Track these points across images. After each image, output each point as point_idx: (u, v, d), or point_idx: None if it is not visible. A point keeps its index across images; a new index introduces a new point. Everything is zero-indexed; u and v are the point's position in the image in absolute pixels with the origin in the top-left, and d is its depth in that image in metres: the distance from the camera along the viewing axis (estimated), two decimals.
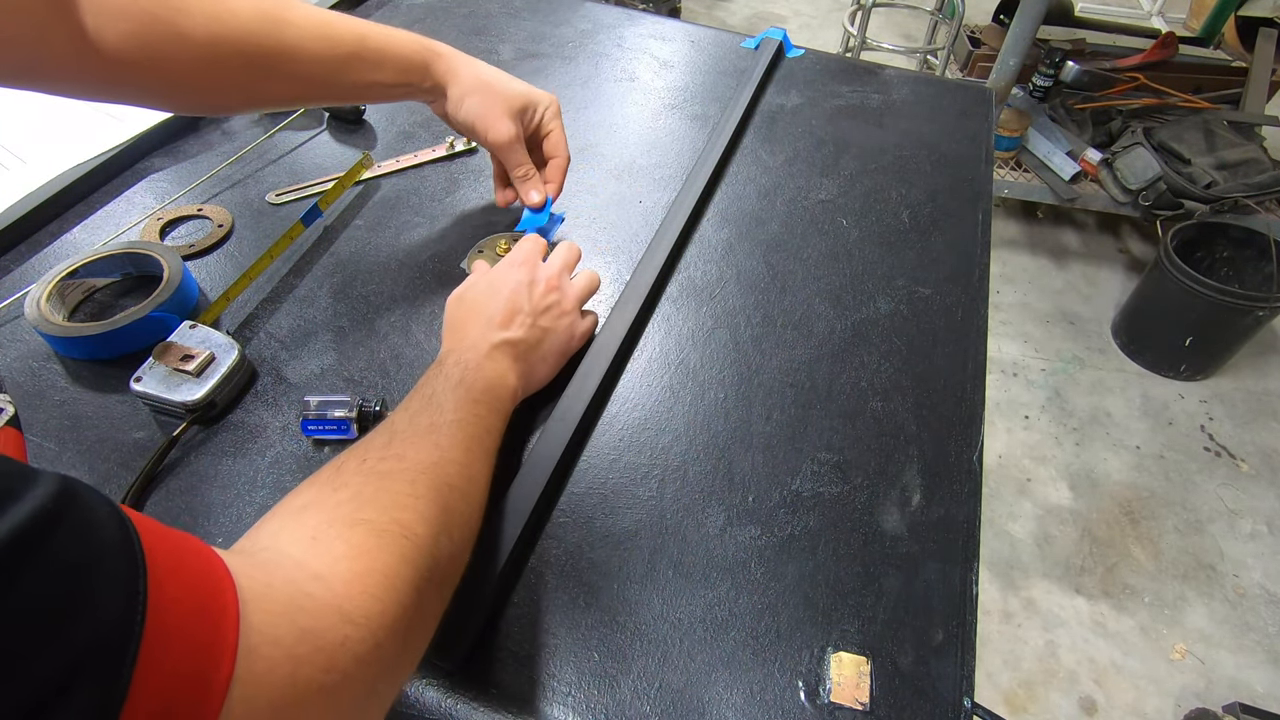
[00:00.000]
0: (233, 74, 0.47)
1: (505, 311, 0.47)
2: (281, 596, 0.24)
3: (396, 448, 0.36)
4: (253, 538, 0.30)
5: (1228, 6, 2.00)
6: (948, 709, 0.38)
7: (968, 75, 2.09)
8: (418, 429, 0.38)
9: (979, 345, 0.57)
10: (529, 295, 0.48)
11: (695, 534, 0.44)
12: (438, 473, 0.35)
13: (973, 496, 0.47)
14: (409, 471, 0.34)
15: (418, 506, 0.33)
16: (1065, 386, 1.73)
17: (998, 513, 1.48)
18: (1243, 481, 1.56)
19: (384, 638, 0.27)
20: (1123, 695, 1.24)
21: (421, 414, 0.39)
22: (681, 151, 0.73)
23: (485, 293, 0.49)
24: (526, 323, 0.47)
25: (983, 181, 0.73)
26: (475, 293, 0.49)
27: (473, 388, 0.41)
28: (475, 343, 0.45)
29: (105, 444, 0.46)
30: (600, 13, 0.94)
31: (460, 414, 0.39)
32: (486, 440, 0.41)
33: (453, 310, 0.50)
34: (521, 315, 0.47)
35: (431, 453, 0.36)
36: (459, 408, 0.40)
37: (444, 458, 0.37)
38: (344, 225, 0.63)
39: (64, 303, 0.53)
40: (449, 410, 0.39)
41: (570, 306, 0.51)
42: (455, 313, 0.49)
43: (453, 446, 0.38)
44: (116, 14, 0.41)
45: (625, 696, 0.38)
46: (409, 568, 0.30)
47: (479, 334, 0.46)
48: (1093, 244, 2.12)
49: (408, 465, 0.35)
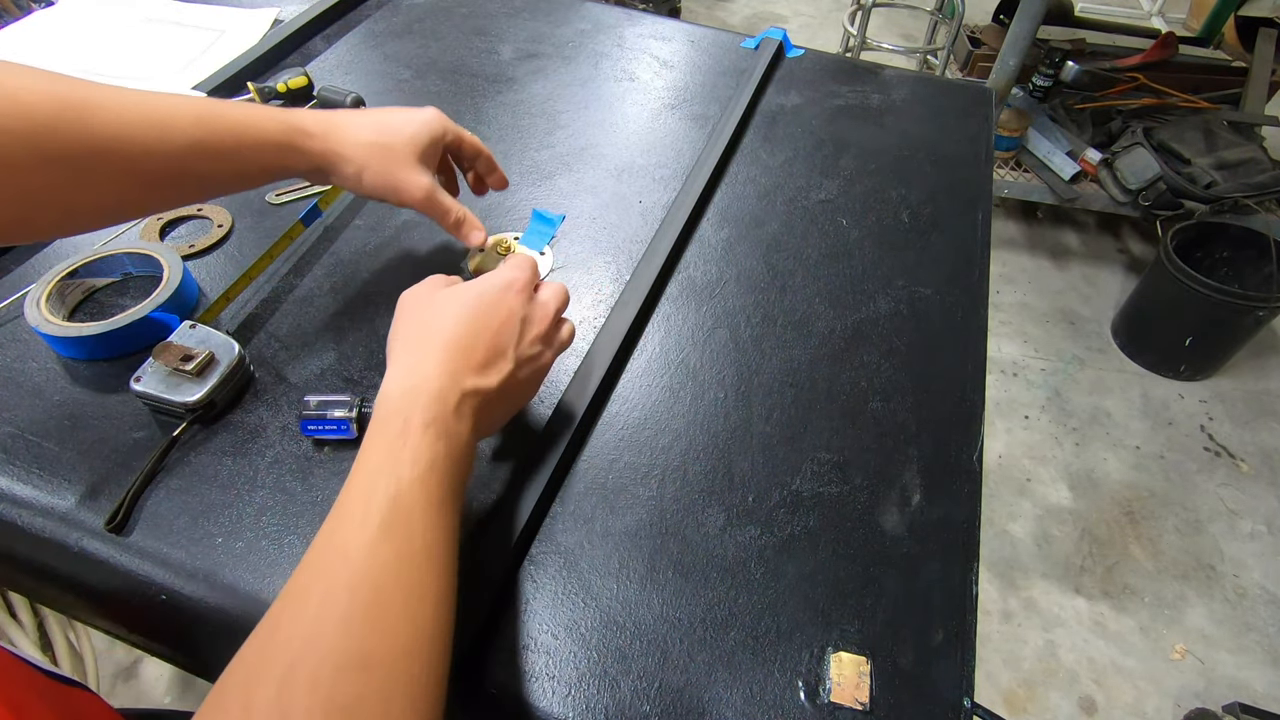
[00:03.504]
0: (30, 182, 0.35)
1: (489, 348, 0.37)
2: None
3: (364, 638, 0.27)
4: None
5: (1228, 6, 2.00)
6: (948, 709, 0.38)
7: (968, 75, 2.09)
8: (389, 580, 0.29)
9: (979, 345, 0.57)
10: (518, 334, 0.39)
11: (695, 534, 0.44)
12: (415, 669, 0.28)
13: (973, 496, 0.47)
14: (382, 689, 0.27)
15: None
16: (1065, 386, 1.73)
17: (998, 513, 1.48)
18: (1243, 481, 1.56)
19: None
20: (1122, 695, 1.24)
21: (386, 542, 0.30)
22: (681, 151, 0.73)
23: (470, 311, 0.38)
24: (505, 370, 0.38)
25: (983, 181, 0.73)
26: (456, 305, 0.38)
27: (445, 477, 0.33)
28: (443, 389, 0.35)
29: (105, 444, 0.46)
30: (600, 13, 0.94)
31: (436, 529, 0.31)
32: (453, 550, 0.32)
33: (417, 313, 0.39)
34: (504, 360, 0.38)
35: (410, 631, 0.28)
36: (437, 514, 0.32)
37: (421, 636, 0.29)
38: (344, 225, 0.63)
39: (64, 303, 0.53)
40: (431, 517, 0.31)
41: (547, 363, 0.42)
42: (419, 319, 0.39)
43: (434, 599, 0.30)
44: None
45: (625, 696, 0.38)
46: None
47: (448, 370, 0.35)
48: (1092, 244, 2.12)
49: (379, 678, 0.27)
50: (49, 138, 0.35)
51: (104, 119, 0.37)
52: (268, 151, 0.45)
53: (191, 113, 0.41)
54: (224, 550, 0.41)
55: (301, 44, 0.84)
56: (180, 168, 0.41)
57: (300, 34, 0.83)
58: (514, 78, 0.81)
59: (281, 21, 0.87)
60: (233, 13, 0.88)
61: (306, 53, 0.83)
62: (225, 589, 0.40)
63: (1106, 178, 1.86)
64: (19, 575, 0.45)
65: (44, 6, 0.91)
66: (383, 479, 0.31)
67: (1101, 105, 1.97)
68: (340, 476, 0.45)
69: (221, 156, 0.43)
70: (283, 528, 0.43)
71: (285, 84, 0.72)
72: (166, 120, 0.40)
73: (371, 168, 0.49)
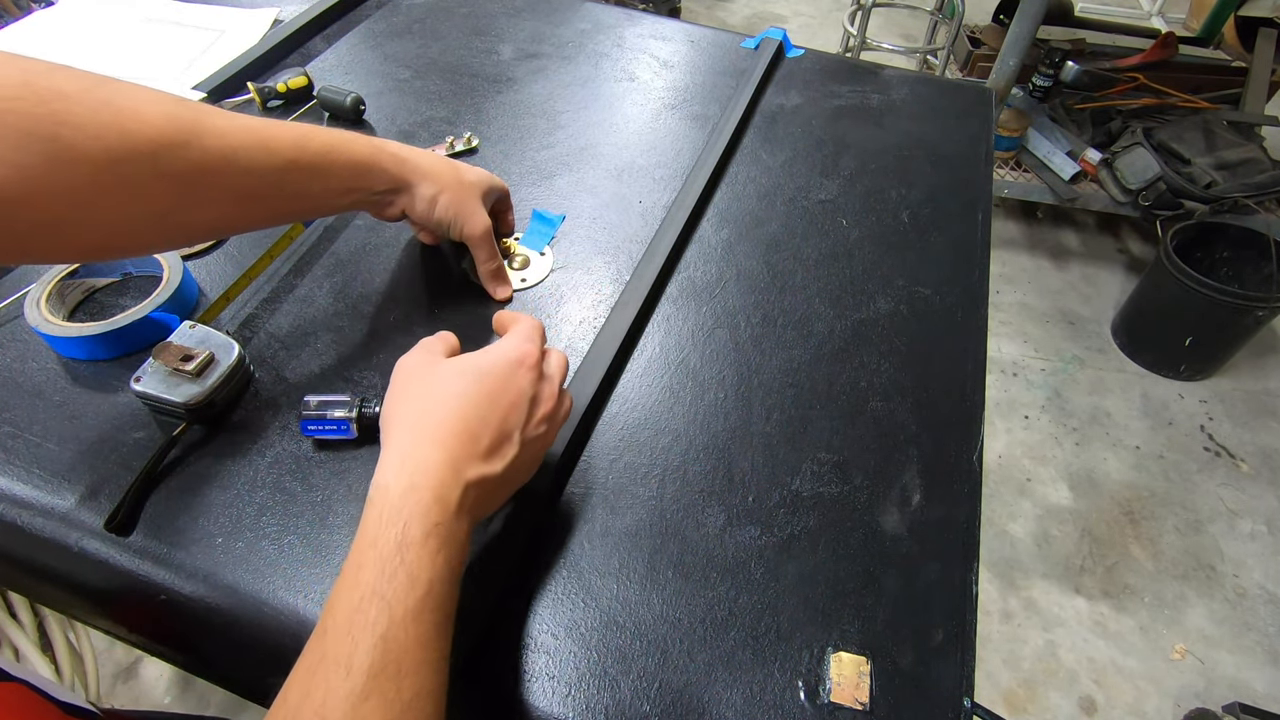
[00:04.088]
0: (145, 199, 0.36)
1: (496, 434, 0.35)
2: None
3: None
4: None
5: (1228, 6, 1.99)
6: (947, 709, 0.38)
7: (968, 75, 2.09)
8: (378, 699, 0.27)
9: (979, 345, 0.57)
10: (525, 415, 0.37)
11: (695, 534, 0.44)
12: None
13: (972, 496, 0.47)
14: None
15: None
16: (1065, 386, 1.73)
17: (998, 513, 1.48)
18: (1243, 481, 1.56)
19: None
20: (1122, 695, 1.24)
21: (371, 699, 0.27)
22: (681, 151, 0.73)
23: (476, 391, 0.36)
24: (510, 455, 0.36)
25: (983, 181, 0.73)
26: (461, 383, 0.36)
27: (443, 600, 0.31)
28: (443, 484, 0.33)
29: (105, 444, 0.46)
30: (600, 13, 0.94)
31: (423, 676, 0.29)
32: (443, 686, 0.31)
33: (416, 388, 0.37)
34: (510, 444, 0.36)
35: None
36: (424, 664, 0.29)
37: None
38: (344, 225, 0.63)
39: (64, 303, 0.53)
40: (406, 678, 0.29)
41: (550, 441, 0.40)
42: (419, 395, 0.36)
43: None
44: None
45: (625, 696, 0.38)
46: None
47: (450, 460, 0.33)
48: (1092, 244, 2.12)
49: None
50: (167, 157, 0.36)
51: (214, 138, 0.38)
52: (356, 169, 0.47)
53: (291, 133, 0.43)
54: (224, 550, 0.41)
55: (301, 44, 0.84)
56: (279, 185, 0.43)
57: (300, 34, 0.83)
58: (514, 78, 0.81)
59: (281, 21, 0.87)
60: (233, 13, 0.88)
61: (306, 53, 0.83)
62: (225, 589, 0.40)
63: (1106, 178, 1.86)
64: (19, 575, 0.45)
65: (44, 6, 0.91)
66: (374, 608, 0.29)
67: (1101, 105, 1.97)
68: (340, 476, 0.45)
69: (315, 173, 0.44)
70: (283, 528, 0.43)
71: (285, 84, 0.72)
72: (269, 140, 0.41)
73: (449, 193, 0.52)
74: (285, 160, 0.42)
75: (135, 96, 0.36)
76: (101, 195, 0.35)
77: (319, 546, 0.42)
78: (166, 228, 0.39)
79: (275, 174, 0.42)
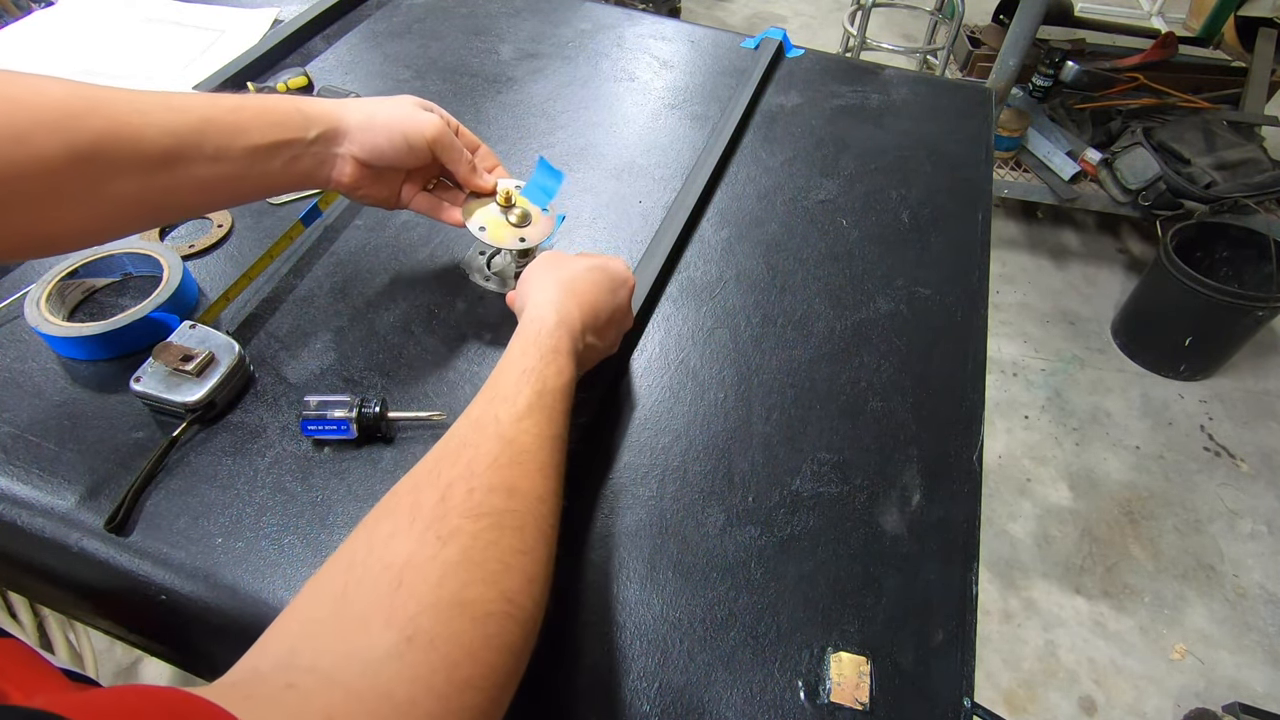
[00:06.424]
0: (61, 175, 0.35)
1: (607, 319, 0.45)
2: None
3: (509, 474, 0.32)
4: (294, 633, 0.25)
5: (1227, 6, 1.99)
6: (947, 709, 0.38)
7: (968, 75, 2.09)
8: (530, 445, 0.34)
9: (979, 345, 0.57)
10: (617, 322, 0.47)
11: (695, 534, 0.44)
12: (544, 511, 0.32)
13: (972, 496, 0.47)
14: (520, 514, 0.31)
15: (525, 566, 0.30)
16: (1065, 386, 1.73)
17: (998, 513, 1.48)
18: (1243, 481, 1.56)
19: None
20: (1122, 695, 1.24)
21: (529, 419, 0.35)
22: (681, 151, 0.73)
23: (607, 284, 0.46)
24: (608, 337, 0.46)
25: (983, 181, 0.73)
26: (598, 275, 0.46)
27: (568, 399, 0.39)
28: (574, 332, 0.42)
29: (105, 444, 0.46)
30: (600, 13, 0.94)
31: (561, 427, 0.37)
32: (564, 463, 0.38)
33: (556, 270, 0.45)
34: (610, 329, 0.46)
35: (543, 482, 0.33)
36: (562, 418, 0.37)
37: (549, 490, 0.34)
38: (344, 225, 0.63)
39: (64, 303, 0.53)
40: (559, 419, 0.37)
41: (615, 347, 0.50)
42: (560, 269, 0.45)
43: (556, 472, 0.35)
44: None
45: (625, 696, 0.38)
46: (512, 658, 0.27)
47: (581, 320, 0.43)
48: (1092, 244, 2.12)
49: (519, 504, 0.31)
50: (73, 126, 0.36)
51: (122, 103, 0.38)
52: (273, 117, 0.44)
53: (203, 97, 0.43)
54: (224, 550, 0.41)
55: (301, 44, 0.84)
56: (196, 145, 0.40)
57: (300, 34, 0.83)
58: (514, 78, 0.81)
59: (281, 21, 0.87)
60: (233, 13, 0.88)
61: (306, 53, 0.83)
62: (225, 589, 0.40)
63: (1106, 178, 1.86)
64: (19, 575, 0.45)
65: (44, 6, 0.91)
66: (532, 378, 0.37)
67: (1101, 105, 1.97)
68: (340, 476, 0.45)
69: (233, 130, 0.42)
70: (283, 528, 0.43)
71: (285, 84, 0.72)
72: (177, 102, 0.41)
73: (380, 114, 0.47)
74: (198, 118, 0.40)
75: (33, 79, 0.36)
76: (19, 179, 0.34)
77: (319, 546, 0.42)
78: (89, 203, 0.38)
79: (190, 133, 0.40)
